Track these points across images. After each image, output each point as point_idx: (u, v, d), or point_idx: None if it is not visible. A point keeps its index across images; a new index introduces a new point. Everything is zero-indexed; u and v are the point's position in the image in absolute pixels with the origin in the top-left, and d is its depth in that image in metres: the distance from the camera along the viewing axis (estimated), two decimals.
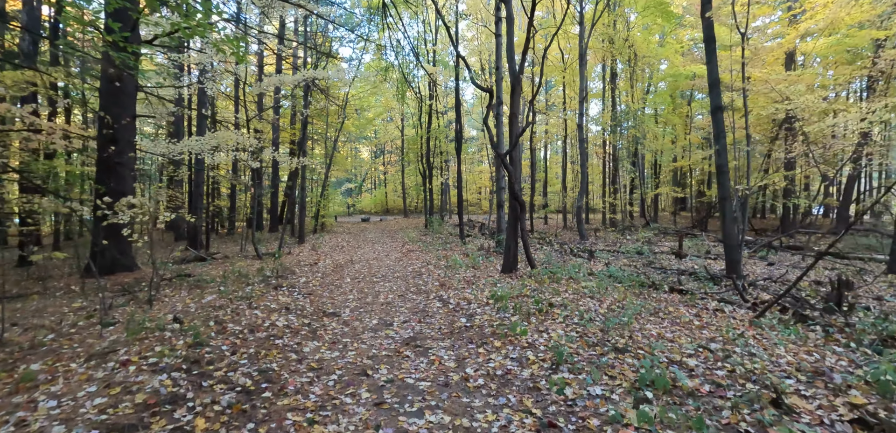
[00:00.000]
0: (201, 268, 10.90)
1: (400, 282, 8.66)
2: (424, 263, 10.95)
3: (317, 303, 6.76)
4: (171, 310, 6.21)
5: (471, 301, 6.67)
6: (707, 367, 3.90)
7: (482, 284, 7.90)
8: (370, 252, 13.90)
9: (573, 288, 7.42)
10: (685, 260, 12.02)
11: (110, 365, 4.01)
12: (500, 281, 8.15)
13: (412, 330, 5.37)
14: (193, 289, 7.73)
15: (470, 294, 7.15)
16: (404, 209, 31.77)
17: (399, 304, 6.72)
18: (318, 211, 21.22)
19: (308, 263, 11.33)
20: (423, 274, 9.46)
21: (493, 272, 9.26)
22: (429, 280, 8.69)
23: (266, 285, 8.14)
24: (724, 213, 9.03)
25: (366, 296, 7.40)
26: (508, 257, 8.84)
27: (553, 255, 12.29)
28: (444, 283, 8.17)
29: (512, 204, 8.76)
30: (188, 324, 5.33)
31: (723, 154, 9.06)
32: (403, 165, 31.89)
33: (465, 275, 9.01)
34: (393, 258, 12.24)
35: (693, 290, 7.58)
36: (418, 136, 22.92)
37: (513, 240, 8.75)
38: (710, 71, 9.26)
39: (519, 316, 5.65)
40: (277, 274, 9.38)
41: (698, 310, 6.26)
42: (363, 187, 43.98)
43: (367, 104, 29.53)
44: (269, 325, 5.41)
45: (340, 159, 29.90)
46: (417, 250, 13.77)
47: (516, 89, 8.62)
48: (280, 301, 6.77)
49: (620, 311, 5.96)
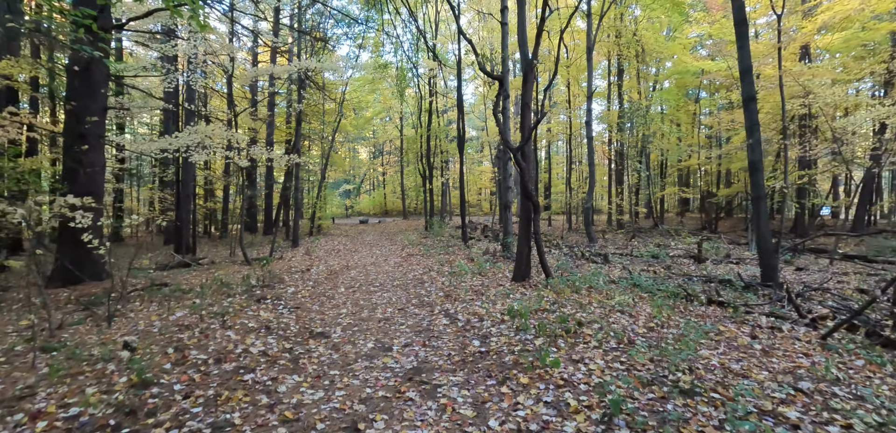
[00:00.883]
0: (183, 276, 9.87)
1: (400, 291, 7.64)
2: (426, 269, 9.94)
3: (303, 320, 5.74)
4: (131, 330, 5.19)
5: (483, 317, 5.66)
6: (814, 420, 2.89)
7: (493, 295, 6.89)
8: (368, 256, 12.88)
9: (598, 300, 6.42)
10: (705, 265, 11.04)
11: (17, 416, 2.98)
12: (512, 291, 7.14)
13: (415, 357, 4.35)
14: (166, 302, 6.71)
15: (480, 307, 6.14)
16: (403, 211, 30.74)
17: (399, 321, 5.71)
18: (315, 212, 20.19)
19: (300, 269, 10.30)
20: (425, 282, 8.45)
21: (503, 280, 8.26)
22: (432, 289, 7.68)
23: (249, 296, 7.12)
24: (758, 214, 8.05)
25: (361, 309, 6.38)
26: (520, 264, 7.84)
27: (564, 260, 11.30)
28: (449, 294, 7.15)
29: (523, 204, 7.76)
30: (142, 352, 4.31)
31: (757, 149, 8.07)
32: (402, 166, 30.87)
33: (472, 283, 8.00)
34: (392, 263, 11.23)
35: (733, 303, 6.58)
36: (418, 134, 21.91)
37: (525, 244, 7.75)
38: (741, 57, 8.29)
39: (544, 338, 4.65)
40: (263, 282, 8.36)
41: (751, 328, 5.26)
42: (361, 189, 42.93)
43: (365, 102, 28.51)
44: (242, 353, 4.39)
45: (338, 160, 28.89)
46: (418, 254, 12.75)
47: (529, 77, 7.63)
48: (260, 318, 5.75)
49: (660, 330, 4.97)
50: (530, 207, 7.70)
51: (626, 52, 17.82)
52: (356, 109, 29.89)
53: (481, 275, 8.80)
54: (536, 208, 7.56)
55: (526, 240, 7.75)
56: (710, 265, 11.03)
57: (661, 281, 8.16)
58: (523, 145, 7.41)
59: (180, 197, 15.23)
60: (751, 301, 6.86)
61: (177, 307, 6.25)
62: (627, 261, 11.85)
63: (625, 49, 17.70)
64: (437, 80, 20.64)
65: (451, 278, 8.59)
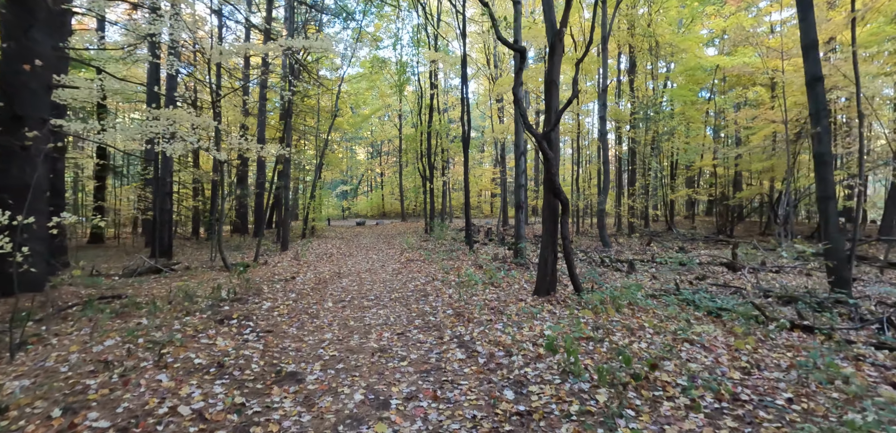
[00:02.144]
0: (146, 285, 8.39)
1: (399, 307, 6.19)
2: (429, 278, 8.49)
3: (272, 352, 4.28)
4: (32, 370, 3.72)
5: (509, 349, 4.22)
6: None
7: (515, 315, 5.45)
8: (363, 261, 11.42)
9: (650, 323, 4.98)
10: (742, 273, 9.63)
11: None
12: (537, 308, 5.71)
13: (423, 421, 2.91)
14: (108, 322, 5.23)
15: (503, 333, 4.70)
16: (402, 212, 29.25)
17: (399, 353, 4.26)
18: (308, 213, 18.69)
19: (284, 277, 8.83)
20: (429, 294, 7.00)
21: (523, 293, 6.82)
22: (438, 305, 6.24)
23: (213, 314, 5.65)
24: (826, 217, 6.66)
25: (350, 334, 4.93)
26: (544, 275, 6.40)
27: (583, 268, 9.88)
28: (460, 312, 5.71)
29: (548, 203, 6.33)
30: (14, 415, 2.85)
31: (825, 139, 6.68)
32: (401, 166, 29.40)
33: (486, 297, 6.56)
34: (389, 270, 9.78)
35: (821, 327, 5.16)
36: (418, 132, 20.47)
37: (550, 251, 6.31)
38: (804, 31, 6.91)
39: (606, 388, 3.21)
40: (236, 294, 6.88)
41: (871, 364, 3.84)
42: (359, 190, 41.42)
43: (362, 99, 27.08)
44: (166, 414, 2.93)
45: (335, 160, 27.42)
46: (419, 260, 11.30)
47: (557, 50, 6.21)
48: (216, 349, 4.28)
49: (758, 372, 3.55)
50: (557, 206, 6.27)
51: (640, 45, 16.49)
52: (353, 107, 28.46)
53: (495, 287, 7.36)
54: (565, 207, 6.13)
55: (551, 246, 6.32)
56: (747, 274, 9.63)
57: (713, 296, 6.73)
58: (550, 130, 5.99)
59: (157, 194, 13.74)
60: (834, 323, 5.45)
61: (113, 331, 4.77)
62: (652, 268, 10.45)
63: (639, 41, 16.35)
64: (438, 73, 19.22)
65: (459, 290, 7.15)
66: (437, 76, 19.81)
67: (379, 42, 22.89)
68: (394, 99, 28.11)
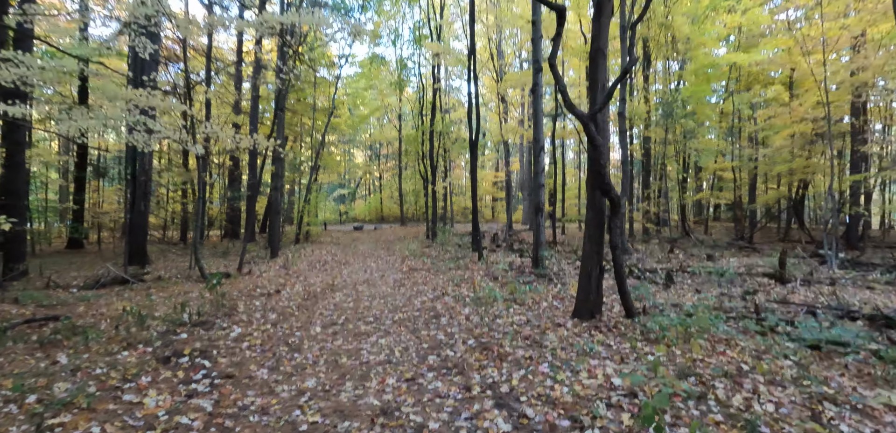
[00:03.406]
0: (104, 300, 6.93)
1: (405, 334, 4.79)
2: (437, 292, 7.09)
3: (224, 418, 2.86)
4: None
5: (577, 414, 2.82)
6: None
7: (559, 348, 4.06)
8: (360, 270, 10.00)
9: (761, 369, 3.60)
10: (794, 286, 8.27)
11: None
12: (588, 340, 4.32)
13: None
14: (17, 361, 3.79)
15: (555, 382, 3.30)
16: (401, 217, 27.78)
17: (412, 418, 2.85)
18: (302, 217, 17.23)
19: (267, 291, 7.39)
20: (440, 315, 5.59)
21: (556, 314, 5.42)
22: (454, 330, 4.84)
23: (161, 347, 4.23)
24: None
25: (341, 381, 3.52)
26: (587, 292, 5.02)
27: (610, 279, 8.51)
28: (486, 344, 4.31)
29: (593, 203, 4.95)
30: None
31: None
32: (401, 168, 27.95)
33: (513, 319, 5.16)
34: (391, 281, 8.37)
35: None
36: (419, 132, 19.08)
37: (595, 263, 4.93)
38: None
39: None
40: (199, 317, 5.44)
41: None
42: (356, 194, 39.91)
43: (361, 100, 25.68)
44: None
45: (332, 162, 25.96)
46: (423, 269, 9.90)
47: (605, 10, 4.86)
48: (137, 416, 2.86)
49: None
50: (604, 206, 4.89)
51: (657, 36, 15.24)
52: (351, 108, 27.07)
53: (520, 305, 5.96)
54: (615, 207, 4.75)
55: (596, 257, 4.93)
56: (798, 286, 8.27)
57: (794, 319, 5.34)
58: (598, 110, 4.62)
59: (134, 195, 12.28)
60: None
61: (4, 377, 3.34)
62: (685, 278, 9.09)
63: (656, 32, 15.08)
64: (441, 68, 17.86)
65: (477, 309, 5.75)
66: (440, 71, 18.44)
67: (378, 38, 21.54)
68: (393, 99, 26.74)
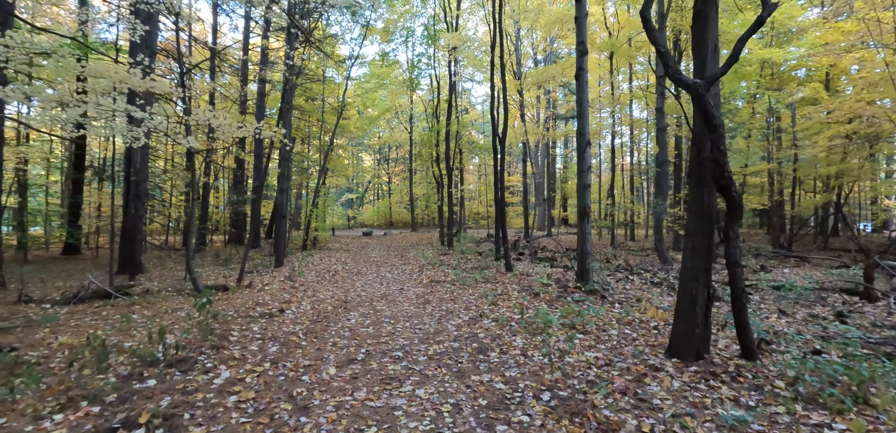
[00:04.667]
0: (75, 321, 5.71)
1: (448, 379, 3.50)
2: (473, 312, 5.80)
3: None
4: None
5: None
6: None
7: (682, 412, 2.76)
8: (375, 282, 8.73)
9: None
10: (889, 306, 6.89)
11: None
12: (712, 395, 3.01)
13: None
14: None
15: None
16: (412, 222, 26.50)
17: None
18: (310, 222, 16.03)
19: (268, 310, 6.13)
20: (486, 346, 4.30)
21: (642, 348, 4.12)
22: (515, 375, 3.54)
23: (115, 405, 2.98)
24: None
25: None
26: (690, 324, 3.71)
27: (665, 296, 7.17)
28: (569, 403, 3.01)
29: (699, 204, 3.67)
30: None
31: None
32: (411, 171, 26.73)
33: (586, 357, 3.87)
34: (412, 296, 7.09)
35: None
36: (434, 131, 17.83)
37: (701, 285, 3.63)
38: None
39: None
40: (177, 351, 4.18)
41: None
42: (365, 198, 38.72)
43: (370, 101, 24.51)
44: None
45: (340, 165, 24.76)
46: (446, 281, 8.61)
47: None
48: None
49: None
50: (714, 210, 3.59)
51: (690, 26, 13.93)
52: (360, 110, 25.94)
53: (584, 333, 4.65)
54: (736, 210, 3.46)
55: (702, 277, 3.63)
56: (894, 304, 6.89)
57: None
58: (719, 75, 3.35)
59: (128, 198, 11.14)
60: None
61: None
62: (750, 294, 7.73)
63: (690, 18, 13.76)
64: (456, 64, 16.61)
65: (531, 338, 4.45)
66: (457, 66, 17.18)
67: (389, 35, 20.37)
68: (404, 99, 25.56)
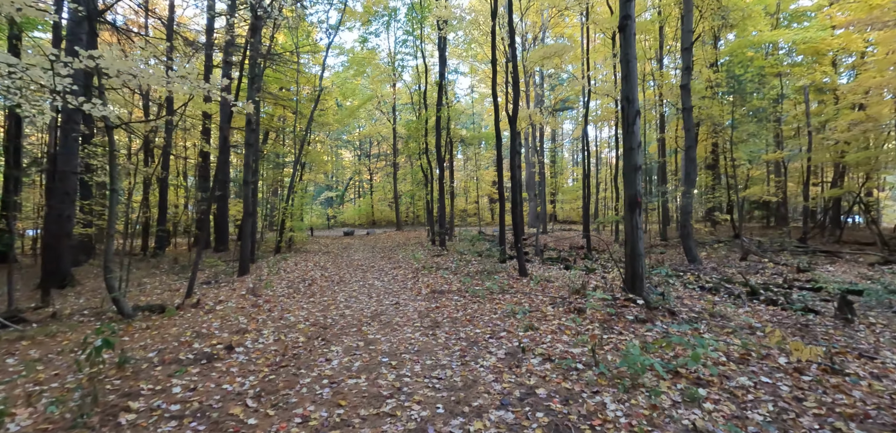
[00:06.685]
0: None
1: None
2: (508, 344, 4.02)
3: None
4: None
5: None
6: None
7: None
8: (361, 293, 6.83)
9: None
10: None
11: None
12: None
13: None
14: None
15: None
16: (397, 220, 24.50)
17: None
18: (284, 221, 13.90)
19: (211, 346, 4.17)
20: (560, 417, 2.52)
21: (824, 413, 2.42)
22: None
23: None
24: None
25: None
26: None
27: (701, 299, 5.56)
28: None
29: None
30: None
31: None
32: (395, 167, 24.72)
33: None
34: (413, 314, 5.25)
35: None
36: (421, 119, 15.94)
37: None
38: None
39: None
40: None
41: None
42: (345, 196, 36.38)
43: (350, 91, 22.39)
44: None
45: (319, 160, 22.54)
46: (451, 290, 6.80)
47: None
48: None
49: None
50: None
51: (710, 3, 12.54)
52: (339, 101, 23.76)
53: (712, 387, 2.93)
54: None
55: None
56: None
57: None
58: None
59: (51, 192, 8.87)
60: None
61: None
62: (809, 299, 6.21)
63: None
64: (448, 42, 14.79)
65: (623, 397, 2.70)
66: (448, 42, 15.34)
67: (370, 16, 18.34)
68: (386, 89, 23.54)
